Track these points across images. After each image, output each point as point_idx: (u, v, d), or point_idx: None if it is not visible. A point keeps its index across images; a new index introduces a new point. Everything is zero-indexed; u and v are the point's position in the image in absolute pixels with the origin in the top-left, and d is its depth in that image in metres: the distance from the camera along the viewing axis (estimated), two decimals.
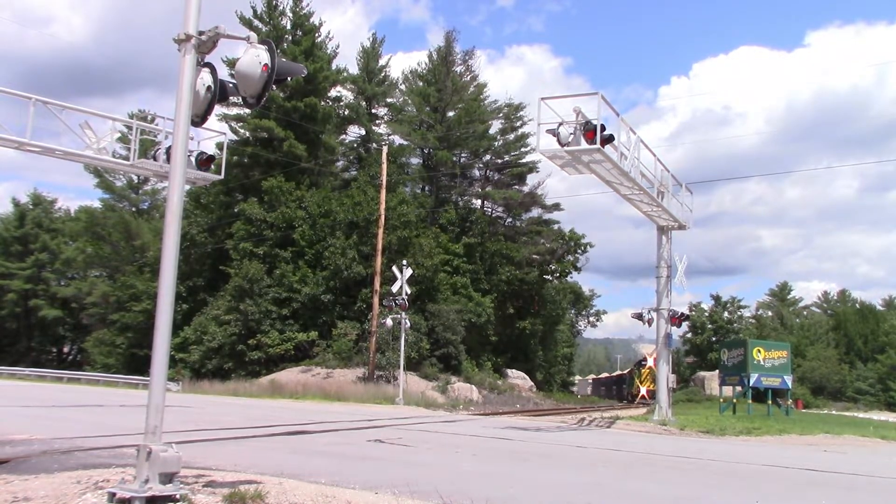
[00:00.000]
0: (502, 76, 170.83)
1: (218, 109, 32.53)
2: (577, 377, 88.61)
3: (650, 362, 51.11)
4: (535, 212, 53.24)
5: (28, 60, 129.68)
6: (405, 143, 50.69)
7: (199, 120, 6.38)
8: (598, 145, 14.78)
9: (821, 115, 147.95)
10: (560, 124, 14.96)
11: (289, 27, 47.21)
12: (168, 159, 8.76)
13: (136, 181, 59.91)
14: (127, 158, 15.59)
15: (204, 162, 13.32)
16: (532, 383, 47.54)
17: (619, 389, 66.96)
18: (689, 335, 63.69)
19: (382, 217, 35.17)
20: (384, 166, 35.81)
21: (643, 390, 54.88)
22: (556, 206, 52.87)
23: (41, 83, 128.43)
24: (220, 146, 15.58)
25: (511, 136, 52.43)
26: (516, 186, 51.85)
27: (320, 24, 48.22)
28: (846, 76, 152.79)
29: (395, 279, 30.26)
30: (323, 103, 47.04)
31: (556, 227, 53.62)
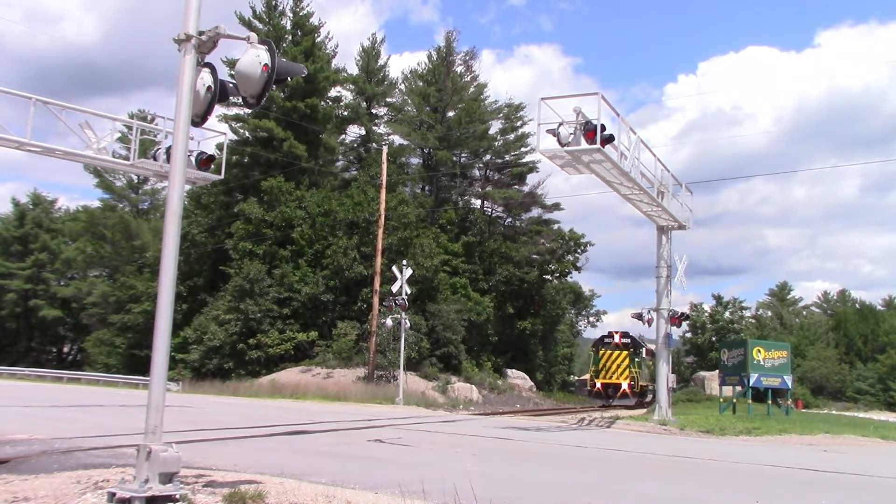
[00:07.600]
0: (511, 75, 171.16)
1: (218, 109, 32.54)
2: None
3: (616, 339, 38.65)
4: (535, 212, 53.23)
5: (34, 60, 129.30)
6: (405, 143, 50.69)
7: (199, 120, 6.39)
8: (598, 145, 14.78)
9: (831, 115, 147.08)
10: (560, 124, 14.96)
11: (289, 27, 47.27)
12: (168, 159, 8.76)
13: (135, 181, 59.93)
14: (127, 158, 15.58)
15: (204, 162, 13.31)
16: (532, 383, 47.49)
17: None
18: (689, 335, 63.62)
19: (382, 217, 35.17)
20: (384, 166, 35.80)
21: (598, 384, 38.02)
22: (556, 206, 52.90)
23: (47, 83, 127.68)
24: (220, 146, 15.55)
25: (511, 136, 52.40)
26: (516, 186, 51.83)
27: (320, 25, 48.32)
28: (858, 76, 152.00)
29: (395, 279, 30.27)
30: (323, 103, 47.05)
31: (556, 226, 53.62)
